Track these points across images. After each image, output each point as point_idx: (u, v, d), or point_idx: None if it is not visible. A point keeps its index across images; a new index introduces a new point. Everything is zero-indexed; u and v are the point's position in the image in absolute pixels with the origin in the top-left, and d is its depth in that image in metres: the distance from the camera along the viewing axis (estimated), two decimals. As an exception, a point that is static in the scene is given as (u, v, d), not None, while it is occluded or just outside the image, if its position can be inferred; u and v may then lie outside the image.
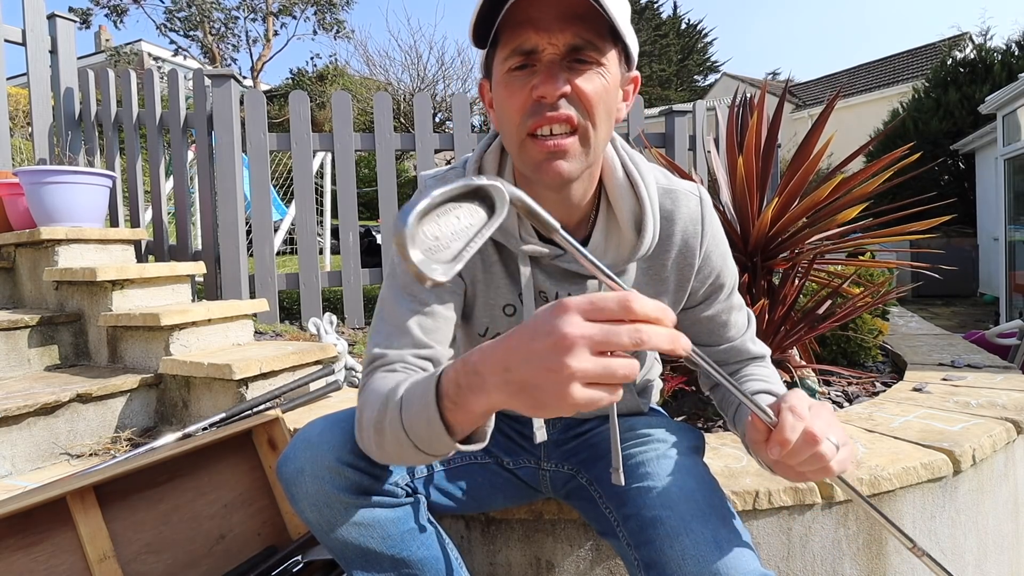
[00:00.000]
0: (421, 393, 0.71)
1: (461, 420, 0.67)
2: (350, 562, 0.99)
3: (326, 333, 2.57)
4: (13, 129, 5.77)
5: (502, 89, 0.85)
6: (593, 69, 0.82)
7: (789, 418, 0.73)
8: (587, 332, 0.54)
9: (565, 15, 0.78)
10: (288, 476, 0.95)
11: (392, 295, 0.95)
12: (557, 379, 0.54)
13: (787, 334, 1.99)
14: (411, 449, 0.74)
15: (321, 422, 1.00)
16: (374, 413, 0.80)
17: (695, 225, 1.00)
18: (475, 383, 0.62)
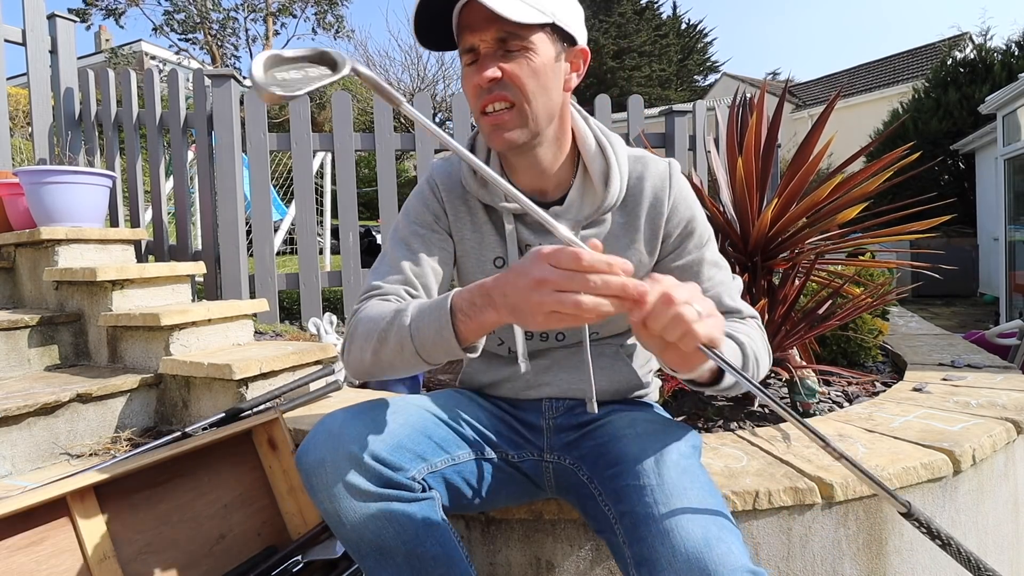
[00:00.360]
0: (433, 308, 0.91)
1: (470, 330, 0.88)
2: (364, 555, 0.99)
3: (326, 333, 2.57)
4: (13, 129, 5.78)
5: (463, 80, 1.08)
6: (520, 54, 1.00)
7: (648, 282, 0.77)
8: (548, 276, 0.74)
9: (491, 16, 0.96)
10: (308, 466, 0.96)
11: (392, 244, 1.17)
12: (531, 305, 0.76)
13: (787, 334, 1.99)
14: (412, 356, 0.93)
15: (341, 414, 1.01)
16: (379, 325, 0.97)
17: (663, 181, 1.16)
18: (487, 301, 0.84)
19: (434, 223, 1.19)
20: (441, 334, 0.89)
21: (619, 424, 1.11)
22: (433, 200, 1.20)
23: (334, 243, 6.58)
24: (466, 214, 1.19)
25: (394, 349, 0.95)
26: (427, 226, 1.18)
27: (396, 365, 0.97)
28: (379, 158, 3.49)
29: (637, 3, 25.13)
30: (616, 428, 1.10)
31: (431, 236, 1.18)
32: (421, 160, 3.58)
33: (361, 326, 1.02)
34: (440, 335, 0.89)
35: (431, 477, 1.05)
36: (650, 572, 0.86)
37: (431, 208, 1.19)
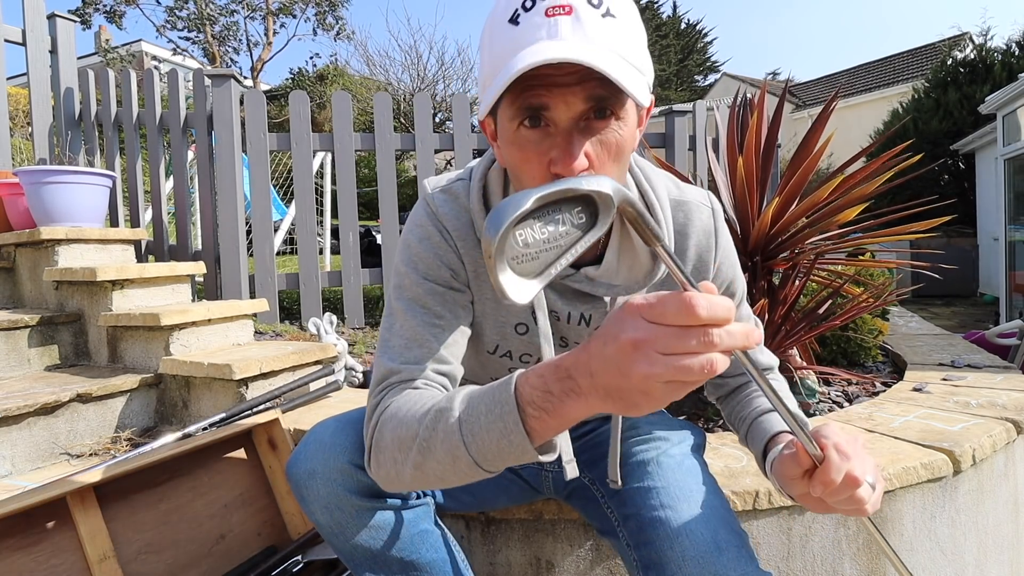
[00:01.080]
0: (491, 404, 0.68)
1: (548, 427, 0.65)
2: (359, 565, 0.98)
3: (326, 333, 2.57)
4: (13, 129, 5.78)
5: (514, 150, 0.79)
6: (611, 126, 0.76)
7: (835, 458, 0.70)
8: (648, 336, 0.52)
9: (581, 72, 0.71)
10: (299, 478, 0.95)
11: (403, 307, 0.91)
12: (631, 384, 0.54)
13: (787, 334, 1.99)
14: (468, 467, 0.71)
15: (332, 423, 0.99)
16: (415, 431, 0.75)
17: (708, 239, 0.99)
18: (570, 387, 0.60)
19: (452, 279, 0.93)
20: (509, 439, 0.66)
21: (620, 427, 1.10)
22: (446, 249, 0.93)
23: (334, 243, 6.58)
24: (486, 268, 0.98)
25: (443, 461, 0.73)
26: (444, 282, 0.93)
27: (448, 478, 0.75)
28: (379, 158, 3.49)
29: (637, 3, 25.11)
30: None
31: (452, 296, 0.93)
32: (421, 160, 3.58)
33: (389, 431, 0.79)
34: (508, 440, 0.66)
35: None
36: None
37: (445, 259, 0.93)
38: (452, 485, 0.79)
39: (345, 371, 2.44)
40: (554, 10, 0.71)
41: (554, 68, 0.71)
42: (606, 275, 0.92)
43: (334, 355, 2.39)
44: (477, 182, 0.94)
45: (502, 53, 0.73)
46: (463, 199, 0.95)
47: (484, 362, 1.05)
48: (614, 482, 0.90)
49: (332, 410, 1.94)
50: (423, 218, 0.95)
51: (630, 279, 0.94)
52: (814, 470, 0.71)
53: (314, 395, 2.06)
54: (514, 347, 1.01)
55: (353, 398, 2.18)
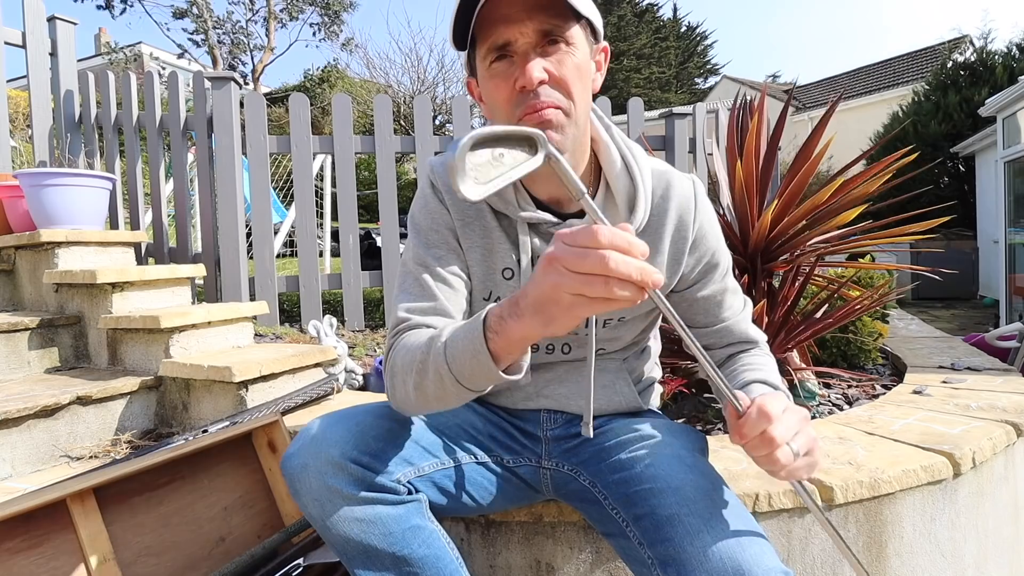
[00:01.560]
0: (467, 330, 0.81)
1: (503, 347, 0.77)
2: (351, 559, 0.99)
3: (326, 336, 2.56)
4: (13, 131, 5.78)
5: (487, 82, 0.96)
6: (563, 49, 0.92)
7: (753, 414, 0.78)
8: (559, 254, 0.65)
9: (530, 6, 0.89)
10: (292, 471, 0.96)
11: (412, 269, 1.07)
12: (545, 294, 0.67)
13: (787, 336, 1.99)
14: (452, 385, 0.83)
15: (326, 418, 1.01)
16: (415, 356, 0.89)
17: (688, 203, 1.09)
18: (513, 310, 0.74)
19: (450, 239, 1.08)
20: (477, 358, 0.79)
21: (621, 430, 1.10)
22: (439, 208, 1.09)
23: (334, 246, 6.58)
24: (475, 218, 1.08)
25: (434, 381, 0.86)
26: (445, 245, 1.08)
27: (442, 397, 0.88)
28: (379, 161, 3.49)
29: (637, 5, 25.19)
30: (618, 434, 1.10)
31: (451, 258, 1.08)
32: (421, 163, 3.58)
33: (399, 360, 0.93)
34: (476, 359, 0.79)
35: (419, 481, 1.04)
36: (678, 572, 0.86)
37: (441, 221, 1.08)
38: (448, 405, 0.91)
39: (345, 373, 2.44)
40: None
41: (507, 7, 0.89)
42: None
43: (334, 358, 2.39)
44: None
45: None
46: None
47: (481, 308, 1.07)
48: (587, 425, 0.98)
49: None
50: (425, 187, 1.12)
51: None
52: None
53: (314, 397, 2.06)
54: (503, 292, 1.10)
55: (353, 400, 2.18)
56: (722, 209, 2.18)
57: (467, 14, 0.90)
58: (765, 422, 0.77)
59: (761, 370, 1.06)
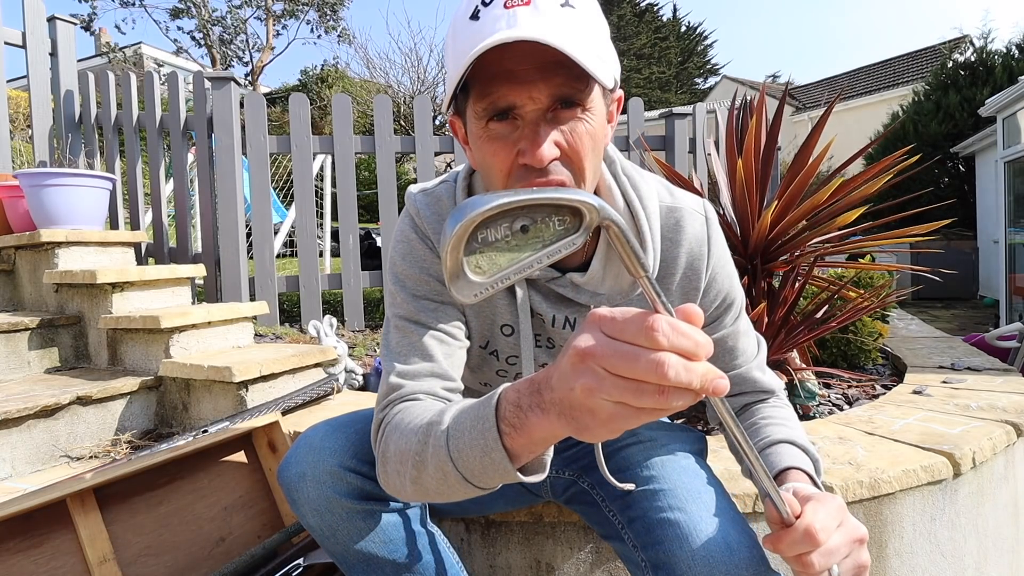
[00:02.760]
0: (474, 420, 0.66)
1: (520, 446, 0.62)
2: (351, 567, 0.98)
3: (326, 336, 2.57)
4: (13, 132, 5.78)
5: (483, 144, 0.80)
6: (577, 116, 0.77)
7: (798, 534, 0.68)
8: (597, 350, 0.48)
9: (545, 64, 0.72)
10: (289, 480, 0.95)
11: (399, 324, 0.93)
12: (576, 398, 0.51)
13: (787, 337, 1.99)
14: (459, 483, 0.69)
15: (323, 426, 0.99)
16: (411, 444, 0.75)
17: (700, 246, 0.96)
18: (536, 402, 0.58)
19: (442, 290, 0.94)
20: (491, 456, 0.63)
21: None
22: (430, 259, 0.94)
23: (334, 246, 6.58)
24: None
25: (436, 477, 0.71)
26: (435, 296, 0.94)
27: (446, 494, 0.73)
28: (379, 161, 3.49)
29: (637, 6, 25.21)
30: (618, 436, 1.09)
31: (444, 308, 0.94)
32: (421, 163, 3.58)
33: (392, 445, 0.79)
34: (489, 457, 0.63)
35: None
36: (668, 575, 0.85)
37: (431, 271, 0.94)
38: (455, 499, 0.76)
39: (345, 373, 2.44)
40: (513, 2, 0.73)
41: (515, 62, 0.72)
42: (591, 283, 0.92)
43: (334, 358, 2.39)
44: (463, 181, 0.95)
45: (463, 48, 0.74)
46: (446, 202, 0.95)
47: (479, 358, 1.04)
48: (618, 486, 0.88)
49: (332, 412, 1.94)
50: (406, 230, 0.96)
51: (615, 288, 0.93)
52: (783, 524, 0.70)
53: (314, 398, 2.06)
54: (500, 347, 1.01)
55: (353, 400, 2.18)
56: (722, 209, 2.18)
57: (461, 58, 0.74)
58: (809, 545, 0.67)
59: (785, 426, 0.96)
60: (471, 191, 0.95)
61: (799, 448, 0.91)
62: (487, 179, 0.84)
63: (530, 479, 0.66)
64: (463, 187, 0.95)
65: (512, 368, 1.04)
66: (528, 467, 0.66)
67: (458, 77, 0.73)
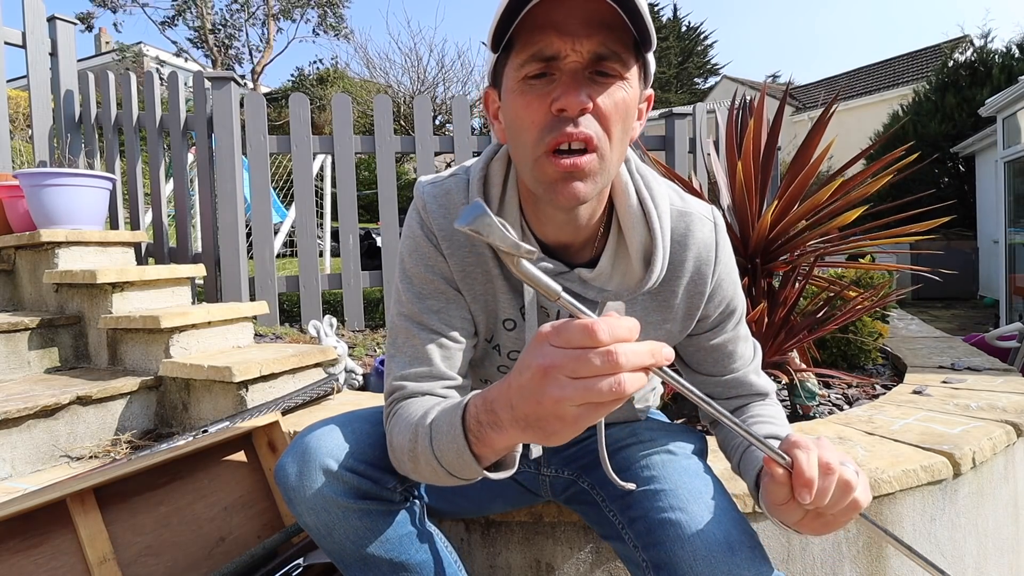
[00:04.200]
0: (448, 425, 0.74)
1: (487, 452, 0.70)
2: (349, 566, 0.98)
3: (326, 336, 2.57)
4: (13, 131, 5.79)
5: (516, 98, 0.79)
6: (616, 83, 0.77)
7: (801, 455, 0.68)
8: (556, 361, 0.55)
9: (592, 21, 0.73)
10: (286, 480, 0.95)
11: (404, 324, 0.95)
12: (545, 409, 0.56)
13: (787, 337, 1.99)
14: (444, 475, 0.77)
15: (320, 426, 0.99)
16: (406, 441, 0.83)
17: (708, 252, 0.96)
18: (493, 420, 0.65)
19: (447, 288, 0.95)
20: (462, 458, 0.72)
21: (620, 433, 1.10)
22: (436, 257, 0.94)
23: (334, 246, 6.58)
24: (475, 265, 0.94)
25: (428, 469, 0.79)
26: (441, 295, 0.95)
27: (442, 483, 0.81)
28: (379, 161, 3.49)
29: (637, 6, 25.19)
30: (617, 437, 1.09)
31: (450, 309, 0.95)
32: (421, 163, 3.58)
33: (396, 439, 0.86)
34: (462, 459, 0.72)
35: (416, 486, 1.04)
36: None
37: (437, 269, 0.94)
38: (449, 485, 0.82)
39: (345, 373, 2.44)
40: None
41: (563, 15, 0.73)
42: (599, 279, 0.92)
43: (334, 358, 2.39)
44: (479, 171, 0.94)
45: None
46: (455, 196, 0.95)
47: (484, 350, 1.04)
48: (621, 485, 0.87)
49: (332, 412, 1.93)
50: (413, 225, 0.97)
51: (622, 285, 0.93)
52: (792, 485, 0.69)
53: (314, 397, 2.06)
54: (503, 341, 1.01)
55: (353, 400, 2.18)
56: (722, 209, 2.18)
57: (514, 12, 0.73)
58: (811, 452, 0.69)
59: (773, 423, 0.98)
60: (487, 183, 0.94)
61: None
62: (516, 137, 0.82)
63: (497, 475, 0.74)
64: (479, 178, 0.93)
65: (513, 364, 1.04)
66: (500, 464, 0.75)
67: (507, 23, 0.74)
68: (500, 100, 0.86)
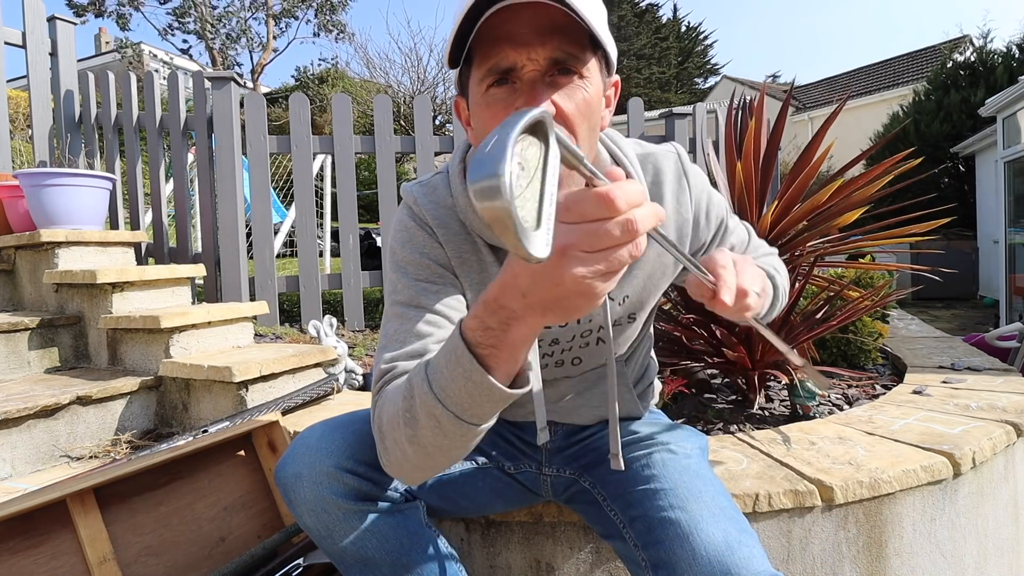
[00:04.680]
0: (447, 354, 0.69)
1: (504, 360, 0.66)
2: (349, 568, 0.98)
3: (326, 336, 2.56)
4: (13, 132, 5.79)
5: (483, 110, 0.81)
6: (575, 82, 0.79)
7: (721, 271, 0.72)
8: (572, 239, 0.52)
9: (544, 28, 0.75)
10: (286, 481, 0.95)
11: (398, 311, 0.92)
12: (567, 289, 0.54)
13: (787, 337, 1.99)
14: (452, 423, 0.70)
15: (320, 427, 0.99)
16: (399, 405, 0.76)
17: (679, 181, 1.01)
18: (506, 316, 0.62)
19: (444, 272, 0.95)
20: (472, 379, 0.66)
21: (620, 432, 1.10)
22: (431, 244, 0.95)
23: (334, 246, 6.58)
24: (471, 252, 0.96)
25: (429, 427, 0.72)
26: (437, 278, 0.94)
27: (445, 447, 0.74)
28: (379, 161, 3.49)
29: (637, 5, 25.19)
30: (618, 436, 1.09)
31: (446, 291, 0.93)
32: (421, 163, 3.58)
33: (385, 416, 0.80)
34: (472, 381, 0.67)
35: (416, 487, 1.04)
36: (668, 575, 0.85)
37: (432, 255, 0.95)
38: (454, 456, 0.77)
39: (345, 373, 2.44)
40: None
41: (517, 24, 0.74)
42: None
43: (334, 358, 2.39)
44: (457, 164, 0.97)
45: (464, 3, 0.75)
46: (441, 191, 0.98)
47: None
48: (615, 456, 0.89)
49: (332, 412, 1.94)
50: (404, 219, 0.98)
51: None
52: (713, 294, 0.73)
53: (314, 397, 2.06)
54: None
55: (353, 400, 2.18)
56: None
57: (467, 27, 0.76)
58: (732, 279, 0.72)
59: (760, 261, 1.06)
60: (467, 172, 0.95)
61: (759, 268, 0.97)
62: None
63: (519, 391, 0.69)
64: (458, 171, 0.96)
65: None
66: (516, 381, 0.70)
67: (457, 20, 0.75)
68: (468, 109, 0.87)
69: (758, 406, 1.98)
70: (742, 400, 2.04)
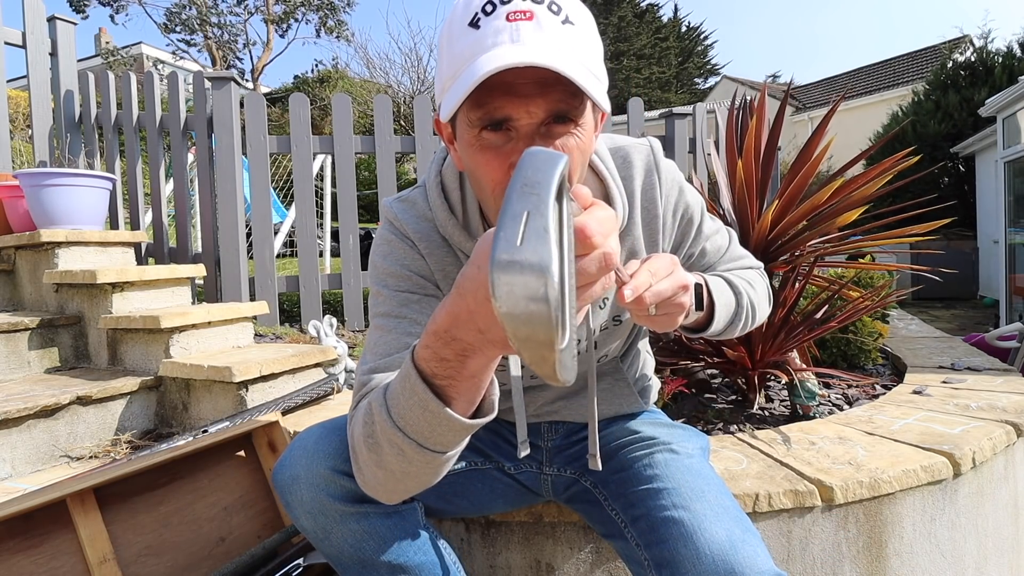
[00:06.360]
0: (402, 381, 0.66)
1: (463, 390, 0.64)
2: (347, 569, 0.98)
3: (326, 336, 2.57)
4: (13, 132, 5.78)
5: (475, 153, 0.78)
6: (570, 131, 0.78)
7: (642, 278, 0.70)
8: None
9: (543, 80, 0.72)
10: (283, 483, 0.95)
11: (380, 322, 0.92)
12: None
13: (787, 337, 1.99)
14: (414, 451, 0.69)
15: (317, 429, 0.99)
16: (362, 429, 0.74)
17: (651, 175, 1.01)
18: (460, 349, 0.60)
19: (425, 284, 0.94)
20: (429, 410, 0.64)
21: (621, 432, 1.10)
22: (413, 256, 0.95)
23: (334, 246, 6.58)
24: (453, 266, 0.96)
25: (392, 453, 0.70)
26: (419, 290, 0.94)
27: (412, 472, 0.73)
28: (379, 161, 3.50)
29: (637, 6, 25.19)
30: (619, 435, 1.09)
31: (426, 300, 0.93)
32: (421, 163, 3.58)
33: (355, 435, 0.77)
34: (429, 411, 0.64)
35: None
36: (672, 574, 0.85)
37: (413, 267, 0.94)
38: (426, 481, 0.76)
39: (345, 374, 2.44)
40: (515, 15, 0.72)
41: (515, 75, 0.71)
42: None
43: (334, 358, 2.39)
44: (434, 178, 0.97)
45: (462, 55, 0.74)
46: (421, 205, 0.98)
47: None
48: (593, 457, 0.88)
49: (332, 412, 1.94)
50: (385, 233, 0.98)
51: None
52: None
53: (314, 397, 2.06)
54: None
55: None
56: (722, 210, 2.18)
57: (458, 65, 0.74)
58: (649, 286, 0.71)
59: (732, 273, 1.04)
60: (444, 189, 0.96)
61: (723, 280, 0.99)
62: (476, 186, 0.85)
63: (480, 421, 0.67)
64: (435, 184, 0.96)
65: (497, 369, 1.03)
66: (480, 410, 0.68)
67: (464, 93, 0.71)
68: (454, 135, 0.84)
69: (758, 406, 1.97)
70: (742, 400, 2.03)
